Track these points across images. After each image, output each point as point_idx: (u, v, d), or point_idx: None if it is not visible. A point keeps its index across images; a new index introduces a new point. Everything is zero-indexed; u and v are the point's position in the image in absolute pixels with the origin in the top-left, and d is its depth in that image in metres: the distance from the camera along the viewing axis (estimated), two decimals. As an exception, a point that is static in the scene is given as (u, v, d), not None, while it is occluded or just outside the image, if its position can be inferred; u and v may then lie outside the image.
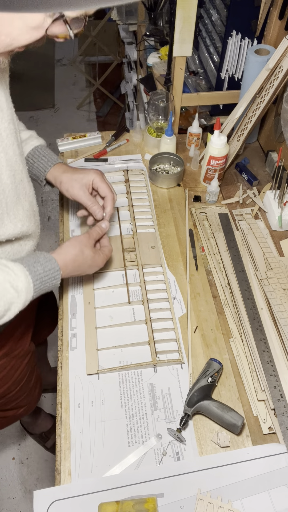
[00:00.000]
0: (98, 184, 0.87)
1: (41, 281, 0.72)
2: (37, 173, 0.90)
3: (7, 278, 0.67)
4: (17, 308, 0.69)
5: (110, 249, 0.87)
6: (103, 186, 0.87)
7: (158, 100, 1.18)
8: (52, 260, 0.74)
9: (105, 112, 3.04)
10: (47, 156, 0.90)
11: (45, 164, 0.89)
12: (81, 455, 0.72)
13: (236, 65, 1.25)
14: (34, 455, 1.61)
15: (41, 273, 0.72)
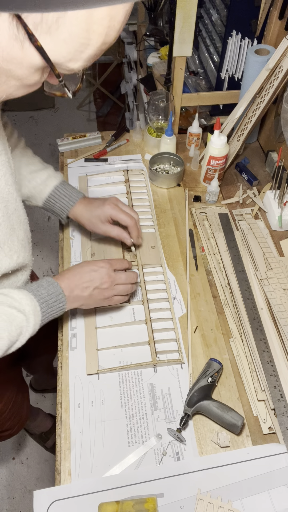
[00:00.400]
0: (116, 217, 0.90)
1: (47, 304, 0.72)
2: (59, 212, 0.93)
3: (13, 305, 0.68)
4: (28, 332, 0.69)
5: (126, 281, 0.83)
6: (121, 217, 0.90)
7: (158, 100, 1.18)
8: (54, 283, 0.75)
9: (105, 112, 3.04)
10: (68, 195, 0.92)
11: (66, 204, 0.92)
12: (81, 455, 0.72)
13: (236, 65, 1.25)
14: (34, 455, 1.61)
15: (45, 296, 0.73)
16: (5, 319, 0.66)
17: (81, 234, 1.04)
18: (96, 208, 0.90)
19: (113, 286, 0.81)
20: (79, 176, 1.17)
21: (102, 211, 0.89)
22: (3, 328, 0.66)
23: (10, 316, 0.67)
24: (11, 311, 0.67)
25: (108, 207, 0.89)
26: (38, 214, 2.37)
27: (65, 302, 0.75)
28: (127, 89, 2.58)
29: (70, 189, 0.92)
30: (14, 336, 0.68)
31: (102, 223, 0.90)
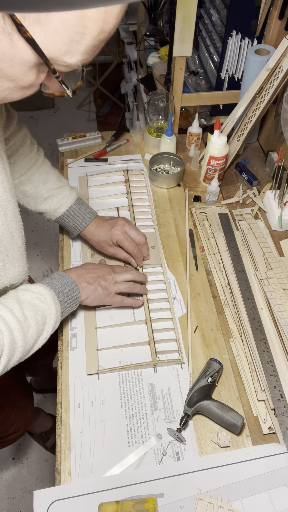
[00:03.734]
0: (122, 244, 0.92)
1: (62, 293, 0.76)
2: (71, 230, 0.96)
3: (34, 296, 0.72)
4: (52, 320, 0.72)
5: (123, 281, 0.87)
6: (126, 245, 0.92)
7: (158, 100, 1.18)
8: (65, 275, 0.79)
9: (105, 112, 3.04)
10: (81, 216, 0.94)
11: (78, 225, 0.95)
12: (81, 455, 0.72)
13: (236, 65, 1.25)
14: (34, 455, 1.61)
15: (60, 287, 0.77)
16: (31, 309, 0.69)
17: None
18: (105, 234, 0.93)
19: (115, 281, 0.85)
20: (79, 176, 1.17)
21: (110, 237, 0.92)
22: (31, 317, 0.68)
23: (34, 306, 0.70)
24: (34, 302, 0.71)
25: (116, 233, 0.91)
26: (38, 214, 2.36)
27: (78, 291, 0.79)
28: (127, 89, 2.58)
29: (83, 210, 0.94)
30: (41, 324, 0.70)
31: (111, 247, 0.94)
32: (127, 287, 0.86)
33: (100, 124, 2.98)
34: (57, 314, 0.74)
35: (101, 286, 0.83)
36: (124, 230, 0.92)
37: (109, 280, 0.84)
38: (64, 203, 0.93)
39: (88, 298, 0.82)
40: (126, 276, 0.86)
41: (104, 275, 0.84)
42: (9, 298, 0.70)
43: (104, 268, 0.86)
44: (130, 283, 0.86)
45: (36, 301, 0.71)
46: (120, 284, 0.85)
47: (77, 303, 0.81)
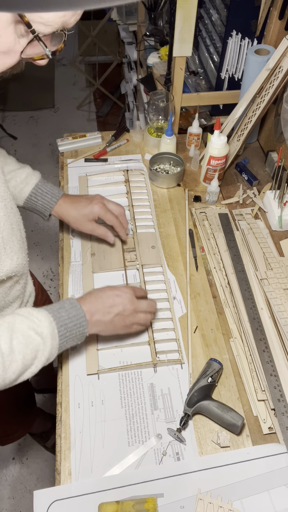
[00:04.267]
0: (104, 217, 0.91)
1: (66, 327, 0.69)
2: (42, 209, 0.92)
3: (31, 326, 0.66)
4: (43, 356, 0.67)
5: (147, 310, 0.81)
6: (108, 218, 0.92)
7: (158, 100, 1.18)
8: (77, 306, 0.72)
9: (105, 112, 3.04)
10: (50, 192, 0.91)
11: (49, 201, 0.91)
12: (81, 455, 0.72)
13: (236, 65, 1.25)
14: (34, 455, 1.61)
15: (65, 319, 0.70)
16: (22, 341, 0.64)
17: (81, 234, 1.04)
18: (83, 208, 0.91)
19: (135, 313, 0.78)
20: (79, 176, 1.17)
21: (91, 211, 0.90)
22: (18, 351, 0.63)
23: (27, 338, 0.65)
24: (29, 333, 0.65)
25: (96, 207, 0.90)
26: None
27: (86, 326, 0.72)
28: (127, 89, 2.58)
29: (51, 187, 0.92)
30: (29, 360, 0.65)
31: (89, 222, 0.91)
32: (146, 319, 0.80)
33: (100, 124, 2.98)
34: (52, 350, 0.68)
35: (120, 317, 0.76)
36: (103, 203, 0.91)
37: (129, 311, 0.77)
38: (29, 181, 0.90)
39: (102, 331, 0.76)
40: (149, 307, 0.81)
41: (124, 305, 0.76)
42: (3, 323, 0.65)
43: (126, 295, 0.77)
44: (149, 315, 0.81)
45: (31, 332, 0.65)
46: (140, 316, 0.79)
47: (82, 338, 0.73)
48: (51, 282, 2.11)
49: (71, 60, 3.03)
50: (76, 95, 3.20)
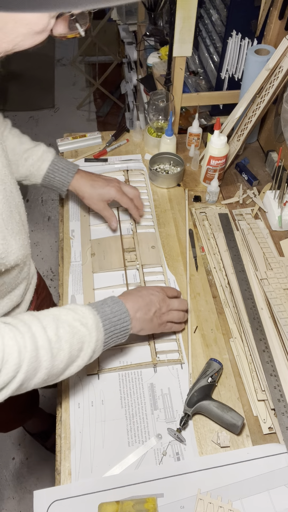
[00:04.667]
0: (120, 200, 0.95)
1: (110, 321, 0.70)
2: (59, 185, 0.95)
3: (76, 317, 0.66)
4: (90, 348, 0.66)
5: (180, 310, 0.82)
6: (124, 201, 0.95)
7: (158, 100, 1.18)
8: (119, 302, 0.73)
9: (105, 112, 3.04)
10: (66, 167, 0.95)
11: (66, 176, 0.94)
12: (81, 455, 0.72)
13: (236, 65, 1.25)
14: (34, 455, 1.61)
15: (109, 314, 0.70)
16: (68, 331, 0.64)
17: (81, 234, 1.04)
18: (100, 188, 0.94)
19: (169, 311, 0.80)
20: (79, 176, 1.17)
21: (107, 192, 0.93)
22: (65, 340, 0.63)
23: (73, 328, 0.65)
24: (74, 324, 0.65)
25: (113, 190, 0.94)
26: (38, 214, 2.37)
27: (129, 322, 0.72)
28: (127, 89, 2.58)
29: (66, 162, 0.95)
30: (75, 350, 0.65)
31: (101, 201, 0.95)
32: (179, 317, 0.82)
33: (100, 124, 2.98)
34: (98, 343, 0.67)
35: (157, 316, 0.77)
36: (119, 187, 0.95)
37: (164, 308, 0.79)
38: (45, 158, 0.93)
39: (143, 329, 0.76)
40: (181, 305, 0.83)
41: (159, 303, 0.78)
42: (48, 315, 0.65)
43: (159, 294, 0.79)
44: (181, 313, 0.83)
45: (77, 323, 0.65)
46: (174, 314, 0.81)
47: (126, 335, 0.73)
48: (51, 282, 2.11)
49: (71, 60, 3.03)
50: (76, 95, 3.20)
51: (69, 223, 1.06)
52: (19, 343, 0.58)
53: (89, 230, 1.04)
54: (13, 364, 0.56)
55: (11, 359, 0.56)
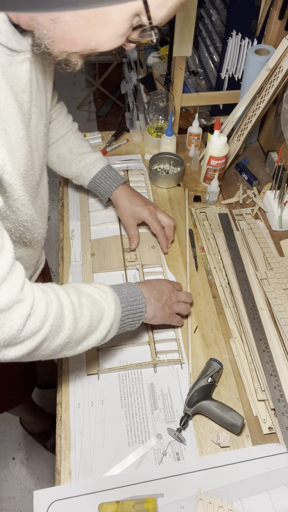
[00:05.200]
0: (149, 223, 0.96)
1: (127, 301, 0.72)
2: (103, 192, 0.99)
3: (96, 291, 0.69)
4: (108, 321, 0.68)
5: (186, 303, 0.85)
6: (153, 226, 0.96)
7: (158, 100, 1.18)
8: (135, 286, 0.76)
9: (105, 112, 3.04)
10: (113, 177, 0.98)
11: (110, 186, 0.98)
12: (81, 455, 0.72)
13: (236, 65, 1.25)
14: (34, 455, 1.61)
15: (126, 294, 0.73)
16: (89, 300, 0.66)
17: (81, 234, 1.04)
18: (136, 205, 0.96)
19: (177, 303, 0.82)
20: (79, 176, 1.17)
21: (140, 211, 0.96)
22: (87, 307, 0.65)
23: (93, 300, 0.67)
24: (94, 296, 0.68)
25: (146, 212, 0.96)
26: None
27: (144, 304, 0.74)
28: (127, 89, 2.58)
29: (115, 173, 0.99)
30: (95, 320, 0.66)
31: (132, 218, 0.97)
32: (186, 309, 0.84)
33: (100, 124, 2.98)
34: (116, 317, 0.69)
35: (167, 305, 0.80)
36: (154, 211, 0.96)
37: (174, 299, 0.81)
38: (97, 164, 0.98)
39: (155, 317, 0.78)
40: (188, 298, 0.85)
41: (169, 293, 0.81)
42: (69, 285, 0.68)
43: (168, 285, 0.82)
44: (188, 305, 0.85)
45: (97, 296, 0.68)
46: (182, 305, 0.83)
47: (141, 319, 0.75)
48: (51, 282, 2.11)
49: (71, 60, 3.02)
50: (76, 95, 3.20)
51: (69, 223, 1.06)
52: (46, 297, 0.59)
53: (89, 230, 1.04)
54: (41, 315, 0.57)
55: (39, 309, 0.57)
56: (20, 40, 0.58)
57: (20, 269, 0.57)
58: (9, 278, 0.54)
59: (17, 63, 0.59)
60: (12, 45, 0.57)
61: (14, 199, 0.63)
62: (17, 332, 0.54)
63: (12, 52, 0.57)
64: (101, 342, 0.70)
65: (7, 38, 0.55)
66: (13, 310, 0.54)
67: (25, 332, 0.56)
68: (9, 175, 0.59)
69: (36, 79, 0.66)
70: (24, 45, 0.59)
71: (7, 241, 0.55)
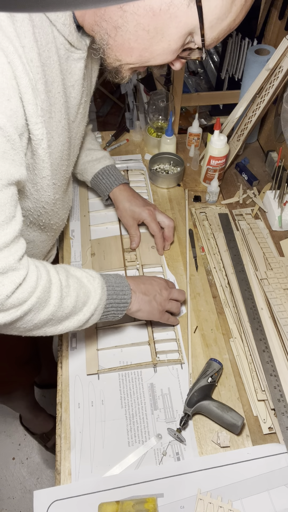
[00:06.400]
0: (148, 224, 0.96)
1: (113, 289, 0.74)
2: (103, 189, 1.00)
3: (84, 275, 0.71)
4: (92, 305, 0.70)
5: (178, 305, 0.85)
6: (152, 226, 0.96)
7: (158, 100, 1.18)
8: (122, 277, 0.77)
9: (105, 112, 3.04)
10: (115, 175, 0.99)
11: (111, 183, 0.98)
12: (81, 455, 0.72)
13: (236, 65, 1.25)
14: (34, 455, 1.61)
15: (112, 282, 0.74)
16: (76, 282, 0.68)
17: (81, 234, 1.04)
18: (136, 206, 0.96)
19: (168, 300, 0.82)
20: (79, 176, 1.17)
21: (140, 212, 0.96)
22: (73, 288, 0.67)
23: (80, 283, 0.69)
24: (82, 280, 0.70)
25: (146, 212, 0.96)
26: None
27: (129, 295, 0.75)
28: (127, 89, 2.57)
29: (118, 172, 1.01)
30: (81, 302, 0.68)
31: (132, 219, 0.97)
32: (177, 307, 0.84)
33: (100, 124, 2.98)
34: (100, 302, 0.71)
35: (156, 301, 0.79)
36: (154, 212, 0.96)
37: (165, 295, 0.81)
38: (102, 161, 0.99)
39: (140, 310, 0.78)
40: (180, 296, 0.84)
41: (161, 289, 0.80)
42: (59, 266, 0.69)
43: (160, 282, 0.82)
44: (179, 304, 0.85)
45: (85, 279, 0.70)
46: (173, 303, 0.83)
47: (124, 309, 0.75)
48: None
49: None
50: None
51: (69, 223, 1.06)
52: (37, 271, 0.61)
53: (89, 230, 1.04)
54: (30, 286, 0.59)
55: (30, 281, 0.59)
56: (80, 38, 0.62)
57: (22, 241, 0.59)
58: (11, 246, 0.56)
59: (73, 59, 0.63)
60: (73, 40, 0.61)
61: (41, 176, 0.66)
62: (5, 298, 0.56)
63: (71, 47, 0.62)
64: (82, 327, 0.71)
65: (69, 32, 0.59)
66: (6, 275, 0.56)
67: (12, 300, 0.57)
68: (44, 151, 0.62)
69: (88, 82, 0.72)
70: (82, 44, 0.63)
71: (19, 213, 0.57)
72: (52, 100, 0.61)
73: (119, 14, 0.55)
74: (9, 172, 0.53)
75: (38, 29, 0.54)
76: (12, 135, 0.53)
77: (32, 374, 1.28)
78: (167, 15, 0.54)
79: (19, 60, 0.51)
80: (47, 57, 0.57)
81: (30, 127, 0.57)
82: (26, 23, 0.52)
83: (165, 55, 0.60)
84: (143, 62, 0.61)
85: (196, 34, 0.57)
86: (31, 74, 0.53)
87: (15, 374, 1.19)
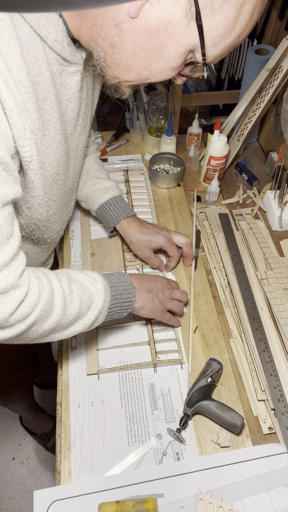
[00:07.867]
0: (168, 249, 0.93)
1: (117, 289, 0.74)
2: (109, 220, 0.95)
3: (86, 279, 0.71)
4: (97, 309, 0.70)
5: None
6: (171, 250, 0.93)
7: (158, 100, 1.18)
8: (125, 275, 0.77)
9: (105, 112, 3.04)
10: (122, 207, 0.95)
11: (118, 215, 0.94)
12: (81, 455, 0.72)
13: (236, 65, 1.25)
14: (34, 455, 1.61)
15: (116, 282, 0.74)
16: (79, 287, 0.68)
17: (81, 234, 1.04)
18: (149, 235, 0.92)
19: (170, 299, 0.82)
20: (79, 176, 1.17)
21: (156, 240, 0.92)
22: (76, 294, 0.67)
23: (83, 287, 0.69)
24: (85, 283, 0.70)
25: (162, 239, 0.92)
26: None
27: (133, 293, 0.76)
28: (127, 89, 2.57)
29: (125, 205, 0.96)
30: (84, 307, 0.68)
31: (148, 249, 0.93)
32: (179, 307, 0.84)
33: (100, 124, 2.98)
34: (104, 305, 0.71)
35: (159, 299, 0.79)
36: (169, 236, 0.93)
37: (167, 294, 0.81)
38: (110, 191, 0.96)
39: (144, 308, 0.78)
40: (182, 296, 0.84)
41: (163, 288, 0.81)
42: (60, 272, 0.69)
43: (163, 280, 0.82)
44: (182, 304, 0.85)
45: (87, 283, 0.70)
46: (175, 302, 0.83)
47: (129, 307, 0.76)
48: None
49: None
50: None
51: (69, 223, 1.06)
52: (39, 283, 0.61)
53: (89, 230, 1.04)
54: (33, 299, 0.59)
55: (32, 295, 0.59)
56: (75, 52, 0.61)
57: (22, 256, 0.59)
58: (10, 264, 0.56)
59: (68, 73, 0.62)
60: (66, 55, 0.59)
61: (32, 195, 0.66)
62: (8, 316, 0.56)
63: (65, 62, 0.60)
64: (88, 329, 0.71)
65: (62, 47, 0.58)
66: (8, 294, 0.56)
67: (15, 316, 0.57)
68: (33, 172, 0.61)
69: (86, 93, 0.70)
70: (77, 58, 0.62)
71: (16, 230, 0.57)
72: (45, 117, 0.60)
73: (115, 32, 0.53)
74: (4, 193, 0.53)
75: (26, 47, 0.53)
76: (4, 158, 0.52)
77: (29, 378, 1.27)
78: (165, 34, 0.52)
79: (4, 84, 0.50)
80: (37, 74, 0.56)
81: (18, 149, 0.56)
82: (13, 43, 0.50)
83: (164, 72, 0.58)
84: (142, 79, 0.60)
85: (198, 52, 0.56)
86: (19, 96, 0.52)
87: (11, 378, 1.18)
